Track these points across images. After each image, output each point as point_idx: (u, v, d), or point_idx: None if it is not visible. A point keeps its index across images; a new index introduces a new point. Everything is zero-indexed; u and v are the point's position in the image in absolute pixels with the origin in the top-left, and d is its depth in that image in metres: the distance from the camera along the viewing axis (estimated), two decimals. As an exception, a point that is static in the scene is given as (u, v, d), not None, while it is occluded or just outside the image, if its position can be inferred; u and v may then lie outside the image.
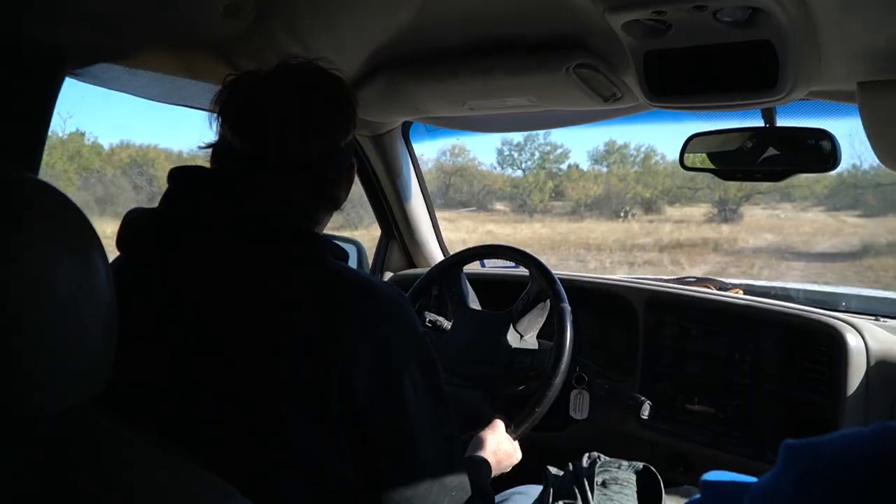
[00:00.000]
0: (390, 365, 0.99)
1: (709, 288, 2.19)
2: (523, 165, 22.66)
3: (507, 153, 22.04)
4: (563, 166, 22.66)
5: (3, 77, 1.17)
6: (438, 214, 2.67)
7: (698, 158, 1.73)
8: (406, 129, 2.39)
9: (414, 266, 2.72)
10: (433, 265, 2.17)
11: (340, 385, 0.94)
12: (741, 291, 2.17)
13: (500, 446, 1.51)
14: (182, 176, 1.08)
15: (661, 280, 2.28)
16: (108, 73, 1.41)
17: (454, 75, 1.63)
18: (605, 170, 22.28)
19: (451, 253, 2.17)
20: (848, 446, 0.63)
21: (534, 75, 1.54)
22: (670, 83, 1.34)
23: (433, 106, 1.87)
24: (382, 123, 2.20)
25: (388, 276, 2.69)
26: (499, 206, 21.63)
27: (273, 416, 0.93)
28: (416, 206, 2.56)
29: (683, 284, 2.21)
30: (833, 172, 1.48)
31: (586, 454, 1.52)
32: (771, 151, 1.60)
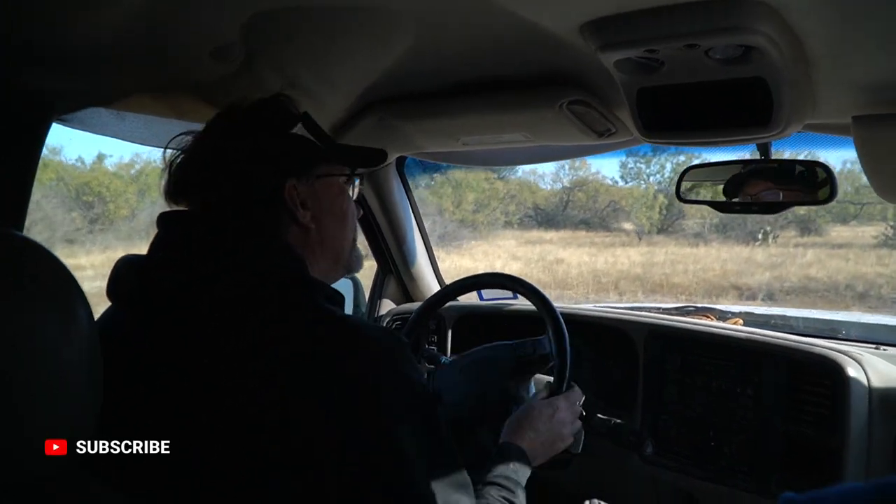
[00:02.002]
0: (388, 416, 0.94)
1: (709, 318, 2.17)
2: (650, 179, 19.45)
3: (630, 165, 19.22)
4: (702, 179, 19.87)
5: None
6: (531, 235, 2.61)
7: (695, 191, 1.72)
8: (400, 163, 2.37)
9: (411, 300, 2.70)
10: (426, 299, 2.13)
11: (333, 445, 0.89)
12: (741, 321, 2.15)
13: (537, 422, 1.42)
14: (168, 222, 1.06)
15: (660, 310, 2.26)
16: (96, 117, 1.40)
17: (447, 112, 1.62)
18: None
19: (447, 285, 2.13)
20: (847, 502, 0.63)
21: (527, 112, 1.53)
22: (664, 119, 1.33)
23: (426, 142, 1.86)
24: (376, 159, 2.18)
25: (386, 306, 2.67)
26: (626, 225, 18.77)
27: (261, 489, 0.88)
28: (413, 240, 2.54)
29: (683, 314, 2.19)
30: None
31: (587, 501, 1.49)
32: (767, 184, 1.58)
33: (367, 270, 2.75)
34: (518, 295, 2.39)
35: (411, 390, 0.99)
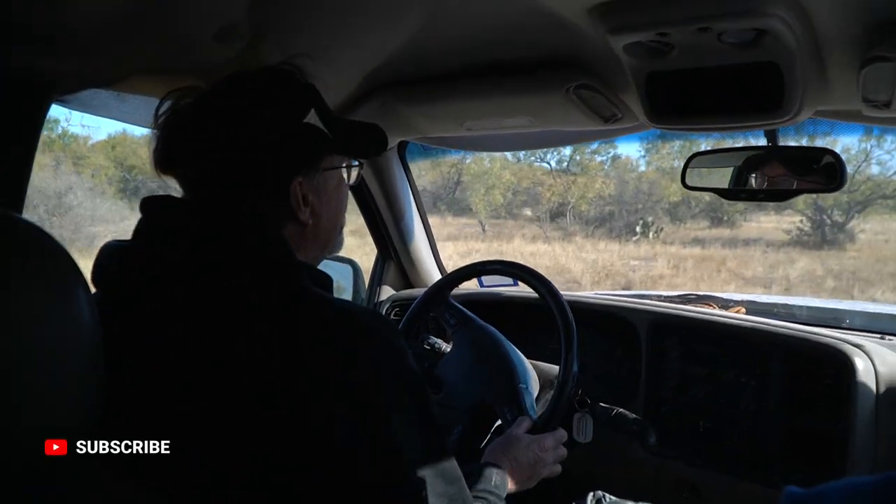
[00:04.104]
0: (378, 406, 0.90)
1: (711, 306, 2.15)
2: (547, 157, 17.56)
3: (525, 142, 17.22)
4: (605, 158, 17.50)
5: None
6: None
7: (700, 178, 1.70)
8: (402, 148, 2.36)
9: (411, 286, 2.68)
10: (429, 286, 2.11)
11: (322, 432, 0.85)
12: (744, 310, 2.13)
13: (519, 453, 1.38)
14: (151, 207, 1.02)
15: (661, 298, 2.25)
16: (97, 99, 1.38)
17: (451, 96, 1.61)
18: (643, 166, 16.75)
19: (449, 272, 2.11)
20: (853, 498, 0.61)
21: (533, 96, 1.52)
22: (672, 104, 1.32)
23: (430, 126, 1.84)
24: (378, 144, 2.16)
25: (386, 292, 2.66)
26: (526, 210, 16.60)
27: (247, 480, 0.85)
28: (413, 226, 2.52)
29: (684, 302, 2.18)
30: None
31: (591, 493, 1.47)
32: (775, 171, 1.57)
33: (368, 256, 2.74)
34: (518, 281, 2.38)
35: (404, 376, 0.95)
